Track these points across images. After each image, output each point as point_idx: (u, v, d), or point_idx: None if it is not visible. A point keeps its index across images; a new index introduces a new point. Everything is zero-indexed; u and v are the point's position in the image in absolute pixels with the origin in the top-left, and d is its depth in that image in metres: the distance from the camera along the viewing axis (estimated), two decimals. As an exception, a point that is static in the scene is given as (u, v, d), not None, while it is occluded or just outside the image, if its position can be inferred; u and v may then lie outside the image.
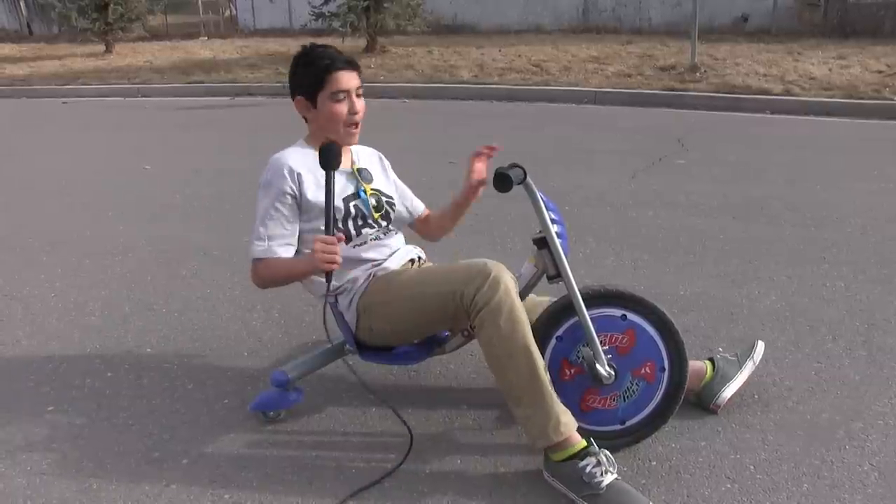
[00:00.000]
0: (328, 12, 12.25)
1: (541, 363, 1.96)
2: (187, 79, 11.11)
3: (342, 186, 2.24)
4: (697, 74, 9.02)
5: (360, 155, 2.41)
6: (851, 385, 2.44)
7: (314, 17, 12.57)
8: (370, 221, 2.27)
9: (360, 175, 2.32)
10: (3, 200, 5.14)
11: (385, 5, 12.03)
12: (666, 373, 2.09)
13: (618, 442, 2.11)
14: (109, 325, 3.09)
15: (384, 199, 2.34)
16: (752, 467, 2.05)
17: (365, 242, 2.26)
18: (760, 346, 2.40)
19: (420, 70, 10.72)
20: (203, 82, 10.83)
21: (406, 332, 2.22)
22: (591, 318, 2.01)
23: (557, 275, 2.03)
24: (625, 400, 2.10)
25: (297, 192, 2.19)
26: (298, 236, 2.22)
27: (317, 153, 2.06)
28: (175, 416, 2.39)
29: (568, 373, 2.12)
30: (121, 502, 1.98)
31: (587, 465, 1.90)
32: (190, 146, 6.95)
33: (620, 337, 2.08)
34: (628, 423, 2.12)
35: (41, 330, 3.06)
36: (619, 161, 5.57)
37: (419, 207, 2.57)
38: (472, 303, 1.96)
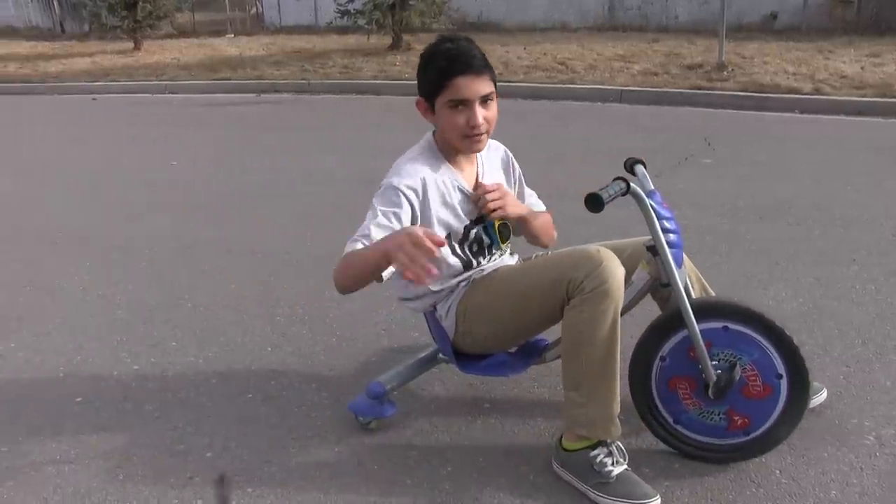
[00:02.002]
0: (353, 10, 12.27)
1: (617, 363, 1.90)
2: (214, 76, 11.18)
3: (465, 209, 2.07)
4: (725, 73, 8.92)
5: (487, 165, 2.18)
6: (882, 390, 2.40)
7: (339, 15, 12.59)
8: (490, 249, 2.14)
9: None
10: (32, 195, 5.22)
11: (410, 3, 12.02)
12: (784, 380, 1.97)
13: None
14: (136, 318, 3.12)
15: (510, 223, 2.17)
16: (777, 472, 2.02)
17: (482, 269, 2.15)
18: (822, 396, 2.30)
19: (445, 68, 10.68)
20: (229, 79, 10.90)
21: (508, 334, 2.11)
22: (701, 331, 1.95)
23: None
24: (699, 415, 2.05)
25: (417, 210, 1.97)
26: None
27: (447, 164, 2.03)
28: (199, 409, 2.42)
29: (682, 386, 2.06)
30: (146, 492, 2.00)
31: (599, 454, 1.91)
32: (216, 142, 7.00)
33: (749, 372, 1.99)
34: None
35: (69, 322, 3.10)
36: (644, 160, 5.52)
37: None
38: (580, 287, 1.85)
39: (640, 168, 2.22)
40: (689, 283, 2.09)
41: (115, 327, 3.04)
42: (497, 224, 2.11)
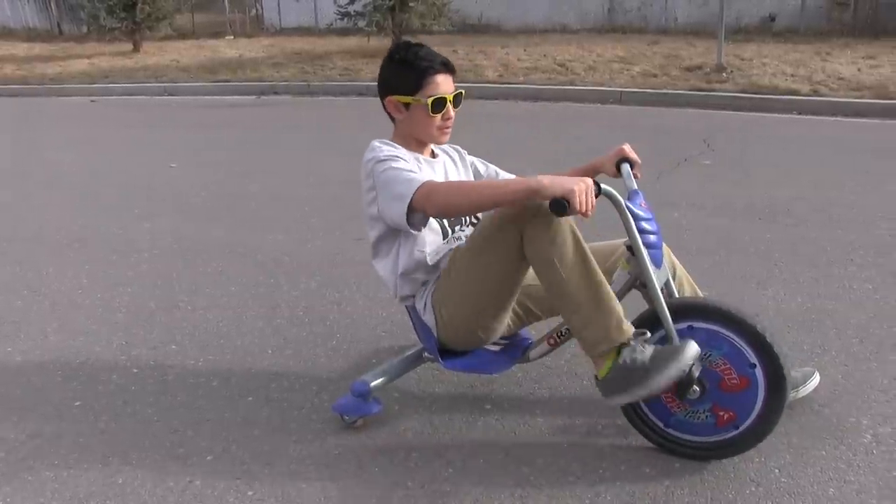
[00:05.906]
0: (354, 11, 12.30)
1: (598, 272, 1.91)
2: (213, 77, 11.20)
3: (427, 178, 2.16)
4: (724, 75, 8.94)
5: (438, 149, 2.36)
6: (879, 388, 2.41)
7: (340, 17, 12.62)
8: (468, 218, 2.26)
9: (445, 167, 2.29)
10: (31, 197, 5.21)
11: (410, 4, 12.03)
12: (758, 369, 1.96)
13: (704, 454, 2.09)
14: (135, 321, 3.13)
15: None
16: (776, 470, 2.03)
17: (459, 239, 2.22)
18: (815, 381, 2.31)
19: (444, 69, 10.70)
20: (229, 81, 10.91)
21: (486, 308, 2.10)
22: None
23: None
24: (686, 416, 2.06)
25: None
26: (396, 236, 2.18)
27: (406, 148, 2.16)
28: (199, 412, 2.42)
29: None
30: (146, 496, 2.00)
31: (624, 357, 1.89)
32: (216, 145, 7.00)
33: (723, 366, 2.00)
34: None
35: (68, 326, 3.10)
36: (643, 161, 5.50)
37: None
38: (528, 218, 1.90)
39: (625, 167, 2.24)
40: (671, 282, 2.12)
41: (114, 330, 3.05)
42: None
